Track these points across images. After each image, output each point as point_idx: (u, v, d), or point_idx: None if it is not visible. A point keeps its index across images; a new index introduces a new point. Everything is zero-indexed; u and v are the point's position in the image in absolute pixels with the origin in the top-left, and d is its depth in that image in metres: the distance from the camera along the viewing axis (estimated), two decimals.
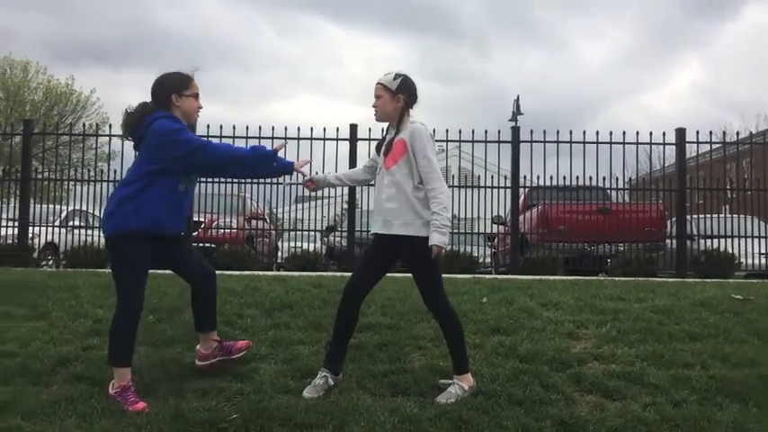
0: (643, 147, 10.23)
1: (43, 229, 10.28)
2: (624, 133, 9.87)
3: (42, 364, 3.83)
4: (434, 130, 9.89)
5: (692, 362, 4.13)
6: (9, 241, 9.93)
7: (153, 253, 3.61)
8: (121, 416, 3.24)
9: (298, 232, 12.02)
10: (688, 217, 10.07)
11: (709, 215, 10.25)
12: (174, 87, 3.67)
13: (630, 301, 5.49)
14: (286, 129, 9.94)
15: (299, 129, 9.96)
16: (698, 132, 9.98)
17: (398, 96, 3.74)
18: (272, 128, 9.95)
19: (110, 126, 10.51)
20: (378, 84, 3.79)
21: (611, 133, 9.86)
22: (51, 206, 11.34)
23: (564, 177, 9.88)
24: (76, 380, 3.65)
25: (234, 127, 10.04)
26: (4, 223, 10.15)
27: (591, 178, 9.88)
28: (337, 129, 9.95)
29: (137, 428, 3.13)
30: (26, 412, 3.25)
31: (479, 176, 10.32)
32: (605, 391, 3.76)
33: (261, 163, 3.67)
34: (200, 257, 3.92)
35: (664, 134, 9.90)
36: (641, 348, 4.35)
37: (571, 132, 9.90)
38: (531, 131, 9.98)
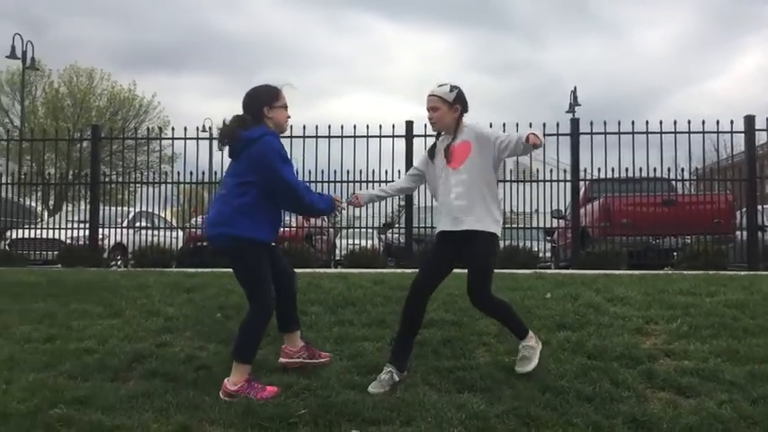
0: (709, 136, 9.91)
1: (112, 230, 10.67)
2: (689, 122, 9.57)
3: (119, 361, 3.98)
4: (491, 125, 9.82)
5: None
6: (80, 242, 10.34)
7: None
8: (195, 410, 3.33)
9: (355, 230, 12.10)
10: (759, 207, 9.68)
11: None
12: (265, 100, 3.83)
13: (701, 295, 5.32)
14: (342, 127, 10.01)
15: (354, 127, 10.02)
16: None
17: (456, 107, 3.87)
18: (329, 126, 10.04)
19: (172, 129, 10.77)
20: (433, 96, 3.89)
21: (675, 122, 9.57)
22: (119, 208, 11.74)
23: (626, 169, 9.64)
24: (152, 375, 3.78)
25: (290, 127, 10.13)
26: (75, 225, 10.58)
27: (655, 169, 9.61)
28: (393, 126, 9.97)
29: (210, 423, 3.22)
30: (105, 407, 3.38)
31: (538, 170, 10.16)
32: (678, 387, 3.66)
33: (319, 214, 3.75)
34: (283, 258, 4.06)
35: (732, 122, 9.55)
36: (714, 344, 4.22)
37: (633, 123, 9.66)
38: (591, 123, 9.78)
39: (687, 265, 8.78)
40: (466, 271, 3.80)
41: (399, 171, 9.88)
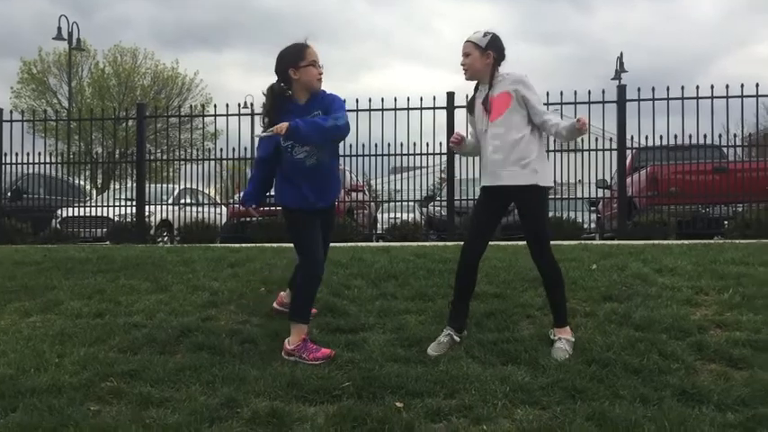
0: (763, 100, 9.53)
1: (158, 207, 10.88)
2: (742, 86, 9.20)
3: (166, 335, 4.06)
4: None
5: None
6: (128, 220, 10.58)
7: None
8: (241, 383, 3.38)
9: (396, 203, 12.08)
10: None
11: None
12: (289, 61, 3.74)
13: (754, 264, 5.15)
14: (383, 100, 9.96)
15: (395, 99, 9.96)
16: None
17: (488, 53, 3.78)
18: (369, 100, 10.00)
19: (214, 106, 10.89)
20: (466, 42, 3.83)
21: (726, 86, 9.22)
22: (164, 185, 11.95)
23: (675, 136, 9.36)
24: (198, 349, 3.84)
25: None
26: (122, 203, 10.82)
27: (705, 136, 9.30)
28: (434, 98, 9.87)
29: (256, 395, 3.26)
30: (155, 379, 3.45)
31: (582, 139, 9.94)
32: (729, 359, 3.56)
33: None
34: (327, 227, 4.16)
35: None
36: None
37: (683, 88, 9.33)
38: (639, 89, 9.49)
39: (738, 233, 8.52)
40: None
41: (441, 143, 9.82)
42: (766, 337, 3.75)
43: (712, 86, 9.24)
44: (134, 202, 10.62)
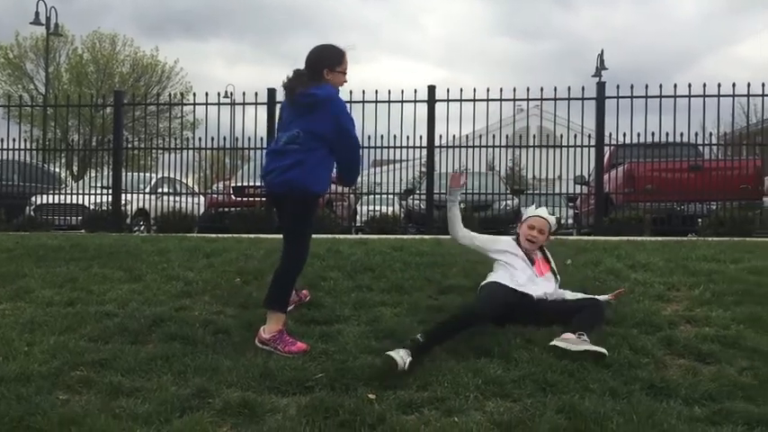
0: (739, 99, 9.66)
1: (135, 195, 10.77)
2: (719, 85, 9.30)
3: (139, 324, 4.02)
4: (515, 89, 9.70)
5: None
6: (104, 208, 10.47)
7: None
8: (213, 373, 3.37)
9: (375, 196, 12.08)
10: None
11: None
12: (328, 62, 3.89)
13: (725, 262, 5.23)
14: (363, 92, 9.92)
15: (376, 92, 9.94)
16: None
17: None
18: (350, 92, 9.93)
19: (194, 95, 10.78)
20: (545, 220, 4.42)
21: (704, 86, 9.32)
22: (141, 174, 11.83)
23: (652, 134, 9.45)
24: (171, 339, 3.81)
25: None
26: (98, 191, 10.70)
27: (682, 134, 9.40)
28: (415, 90, 9.87)
29: (228, 385, 3.25)
30: (125, 369, 3.42)
31: (561, 136, 10.01)
32: (698, 354, 3.61)
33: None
34: None
35: (763, 85, 9.28)
36: (737, 311, 4.15)
37: (661, 86, 9.42)
38: (618, 87, 9.57)
39: (712, 231, 8.64)
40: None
41: (421, 137, 9.84)
42: (734, 333, 3.82)
43: (690, 85, 9.36)
44: (110, 191, 10.50)
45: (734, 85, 9.27)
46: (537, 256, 4.33)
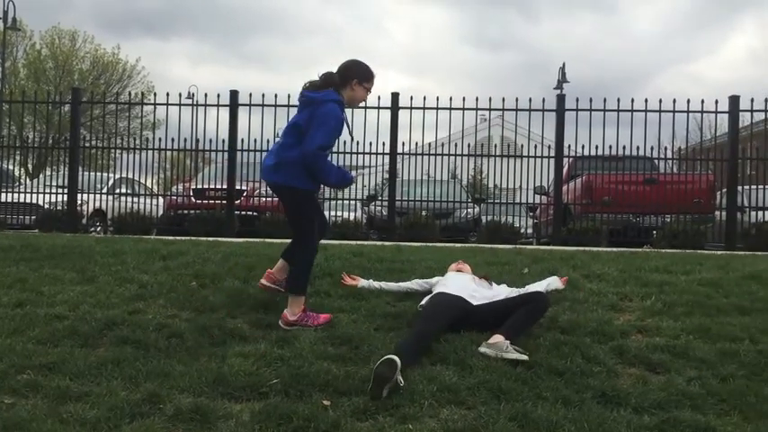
0: (694, 116, 9.93)
1: (91, 196, 10.54)
2: (674, 101, 9.57)
3: (90, 327, 3.93)
4: (477, 99, 9.79)
5: (741, 336, 4.02)
6: (59, 208, 10.22)
7: None
8: (165, 378, 3.31)
9: (337, 201, 12.05)
10: (739, 188, 9.74)
11: (761, 186, 9.89)
12: (359, 76, 4.30)
13: (677, 273, 5.35)
14: None
15: None
16: (752, 100, 9.59)
17: None
18: None
19: (154, 95, 10.63)
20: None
21: (660, 101, 9.58)
22: (99, 174, 11.59)
23: (610, 147, 9.65)
24: (123, 343, 3.73)
25: (276, 95, 10.06)
26: (54, 190, 10.44)
27: (638, 148, 9.62)
28: (378, 97, 9.87)
29: (180, 391, 3.20)
30: (74, 373, 3.34)
31: (522, 146, 10.14)
32: (648, 364, 3.69)
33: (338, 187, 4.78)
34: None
35: (716, 102, 9.57)
36: (687, 322, 4.25)
37: (618, 100, 9.64)
38: (577, 99, 9.76)
39: (666, 243, 8.85)
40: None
41: (384, 143, 9.85)
42: (684, 344, 3.91)
43: (646, 100, 9.60)
44: (66, 190, 10.26)
45: (688, 101, 9.55)
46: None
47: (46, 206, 10.42)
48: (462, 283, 4.33)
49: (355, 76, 4.27)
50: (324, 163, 4.12)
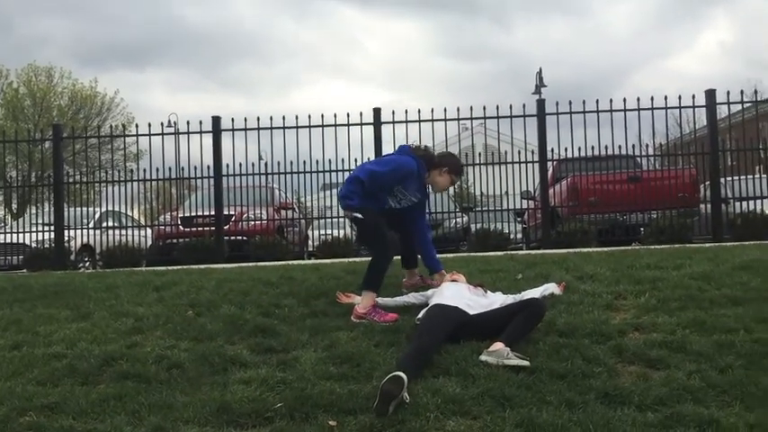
0: (672, 111, 10.08)
1: (78, 231, 10.48)
2: (652, 99, 9.70)
3: (89, 364, 3.90)
4: (458, 109, 9.88)
5: (736, 327, 4.06)
6: (46, 245, 10.15)
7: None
8: (169, 410, 3.29)
9: (326, 220, 12.06)
10: (722, 180, 9.87)
11: (743, 177, 10.02)
12: (451, 167, 4.95)
13: (668, 268, 5.41)
14: (309, 117, 9.98)
15: (322, 116, 9.99)
16: (728, 93, 9.75)
17: None
18: (296, 117, 10.01)
19: (136, 126, 10.64)
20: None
21: (638, 100, 9.69)
22: (84, 208, 11.54)
23: (592, 148, 9.75)
24: (123, 378, 3.71)
25: (258, 119, 10.10)
26: (40, 228, 10.37)
27: (620, 147, 9.72)
28: (361, 114, 9.95)
29: (185, 422, 3.19)
30: (77, 412, 3.32)
31: (506, 152, 10.23)
32: (648, 360, 3.72)
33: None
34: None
35: (693, 97, 9.70)
36: (682, 316, 4.29)
37: (597, 102, 9.76)
38: (557, 103, 9.86)
39: (654, 239, 8.94)
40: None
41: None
42: (681, 338, 3.94)
43: (624, 100, 9.71)
44: (52, 227, 10.20)
45: (666, 98, 9.68)
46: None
47: (33, 245, 10.34)
48: (458, 293, 4.35)
49: (448, 165, 4.91)
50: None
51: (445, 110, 9.96)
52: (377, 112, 10.01)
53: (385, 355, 3.87)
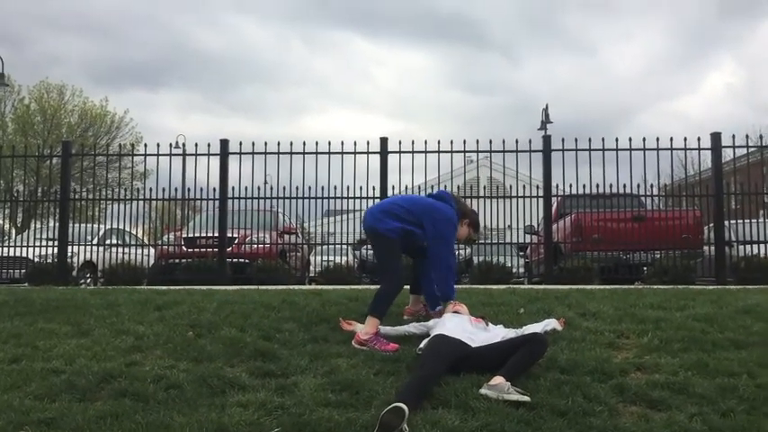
0: (677, 153, 10.10)
1: (81, 247, 10.49)
2: (658, 139, 9.75)
3: (87, 381, 3.89)
4: (465, 141, 9.95)
5: (739, 370, 4.04)
6: (49, 260, 10.15)
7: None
8: (166, 430, 3.27)
9: (329, 246, 12.06)
10: (726, 223, 9.87)
11: (747, 220, 10.03)
12: (471, 220, 5.25)
13: (671, 309, 5.39)
14: (317, 144, 10.04)
15: (329, 143, 10.04)
16: (734, 136, 9.79)
17: None
18: (303, 143, 10.07)
19: (144, 145, 10.68)
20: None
21: (644, 139, 9.74)
22: (89, 225, 11.56)
23: (597, 185, 9.78)
24: (121, 395, 3.70)
25: (266, 144, 10.16)
26: (44, 243, 10.39)
27: (625, 186, 9.75)
28: (368, 142, 10.00)
29: None
30: (73, 428, 3.30)
31: (511, 186, 10.26)
32: (649, 401, 3.69)
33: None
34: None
35: (699, 139, 9.76)
36: (685, 357, 4.27)
37: (603, 140, 9.80)
38: (563, 140, 9.91)
39: (656, 279, 8.91)
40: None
41: (374, 187, 9.94)
42: (683, 380, 3.92)
43: (630, 139, 9.76)
44: (56, 242, 10.21)
45: (671, 139, 9.74)
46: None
47: (36, 259, 10.35)
48: (460, 325, 4.34)
49: (468, 218, 5.22)
50: None
51: (451, 142, 10.03)
52: (383, 141, 10.08)
53: (385, 384, 3.85)
